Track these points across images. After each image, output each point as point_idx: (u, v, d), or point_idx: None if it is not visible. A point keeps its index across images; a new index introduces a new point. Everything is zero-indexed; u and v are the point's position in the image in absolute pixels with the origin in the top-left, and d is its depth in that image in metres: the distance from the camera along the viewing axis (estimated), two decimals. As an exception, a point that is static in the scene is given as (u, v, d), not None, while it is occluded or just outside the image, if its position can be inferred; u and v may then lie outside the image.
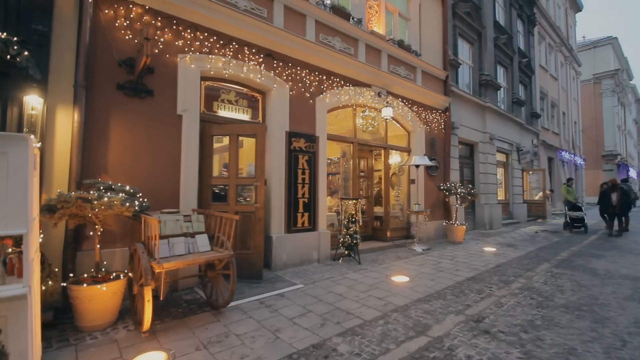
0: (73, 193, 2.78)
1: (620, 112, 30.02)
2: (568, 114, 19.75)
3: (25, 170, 1.70)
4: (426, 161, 7.30)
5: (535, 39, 15.52)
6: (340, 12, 6.38)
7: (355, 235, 5.73)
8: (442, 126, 8.79)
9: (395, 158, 8.45)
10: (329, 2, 6.35)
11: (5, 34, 2.94)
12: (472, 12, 10.22)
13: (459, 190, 8.09)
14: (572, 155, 19.84)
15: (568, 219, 10.28)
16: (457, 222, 8.12)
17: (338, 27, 6.29)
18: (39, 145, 2.77)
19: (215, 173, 4.77)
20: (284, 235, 5.21)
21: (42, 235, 2.83)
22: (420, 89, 8.00)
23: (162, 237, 3.03)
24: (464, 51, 10.52)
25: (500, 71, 12.39)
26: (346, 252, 5.76)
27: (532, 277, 4.81)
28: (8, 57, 2.96)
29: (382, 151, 7.77)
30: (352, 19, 6.62)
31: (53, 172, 3.36)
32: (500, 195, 12.19)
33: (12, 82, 3.13)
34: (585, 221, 10.00)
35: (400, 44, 7.73)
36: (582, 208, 10.32)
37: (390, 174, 7.97)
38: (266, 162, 5.27)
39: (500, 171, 12.36)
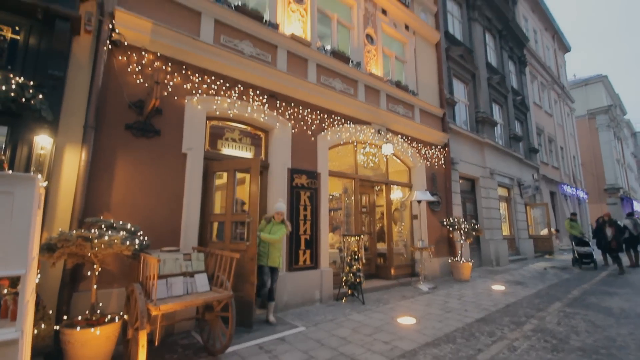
0: (74, 231, 2.77)
1: (618, 146, 30.42)
2: (566, 148, 20.03)
3: (29, 210, 1.71)
4: (428, 196, 7.30)
5: (527, 78, 16.17)
6: (340, 56, 6.75)
7: (358, 274, 5.58)
8: (442, 162, 8.89)
9: (397, 193, 8.46)
10: (329, 47, 6.74)
11: (22, 78, 3.12)
12: (464, 55, 10.76)
13: (462, 226, 7.99)
14: (574, 189, 19.81)
15: (576, 255, 10.03)
16: (462, 258, 7.93)
17: (338, 69, 6.61)
18: (45, 184, 2.82)
19: (217, 210, 4.77)
20: (285, 274, 5.08)
21: (39, 275, 2.77)
22: (419, 126, 8.21)
23: (160, 277, 2.96)
24: (459, 90, 10.93)
25: (496, 108, 12.77)
26: (350, 292, 5.57)
27: (545, 318, 4.60)
28: (23, 100, 3.11)
29: (384, 187, 7.80)
30: (351, 62, 6.98)
31: (56, 210, 3.38)
32: (505, 231, 12.01)
33: (24, 123, 3.26)
34: (594, 257, 9.75)
35: (398, 84, 8.06)
36: (590, 243, 10.11)
37: (392, 210, 7.94)
38: (268, 199, 5.29)
39: (503, 206, 12.29)
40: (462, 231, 8.04)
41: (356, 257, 5.66)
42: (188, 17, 4.68)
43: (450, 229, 8.25)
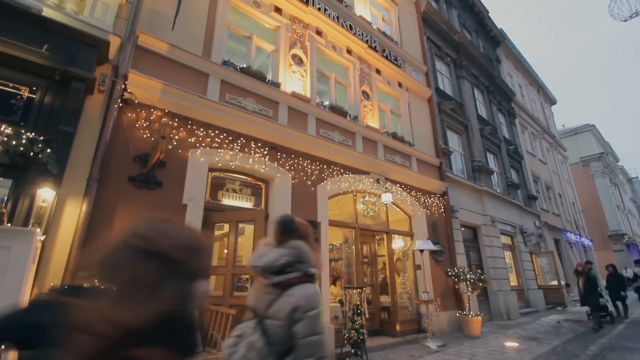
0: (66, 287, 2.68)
1: (616, 192, 30.63)
2: (564, 195, 20.14)
3: (24, 266, 1.68)
4: (430, 245, 7.17)
5: (518, 129, 16.85)
6: (338, 110, 7.12)
7: (361, 330, 5.26)
8: (442, 210, 8.89)
9: (398, 243, 8.31)
10: (327, 103, 7.14)
11: (33, 133, 3.24)
12: (455, 108, 11.36)
13: (468, 276, 7.72)
14: (578, 237, 19.50)
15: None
16: (471, 312, 7.53)
17: (336, 123, 6.93)
18: (42, 238, 2.79)
19: (215, 262, 4.65)
20: (284, 331, 4.78)
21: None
22: (417, 175, 8.35)
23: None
24: (454, 140, 11.32)
25: (490, 157, 13.11)
26: (352, 351, 5.19)
27: (565, 379, 4.23)
28: (31, 154, 3.21)
29: (385, 236, 7.69)
30: (349, 116, 7.34)
31: (50, 263, 3.29)
32: (513, 281, 11.57)
33: (29, 176, 3.30)
34: (610, 309, 9.25)
35: (394, 136, 8.38)
36: (604, 294, 9.66)
37: (394, 260, 7.73)
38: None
39: (508, 254, 12.00)
40: (468, 282, 7.74)
41: (359, 311, 5.37)
42: (196, 78, 5.03)
43: (456, 279, 7.95)
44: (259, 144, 5.46)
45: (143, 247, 0.76)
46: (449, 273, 7.97)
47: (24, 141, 3.11)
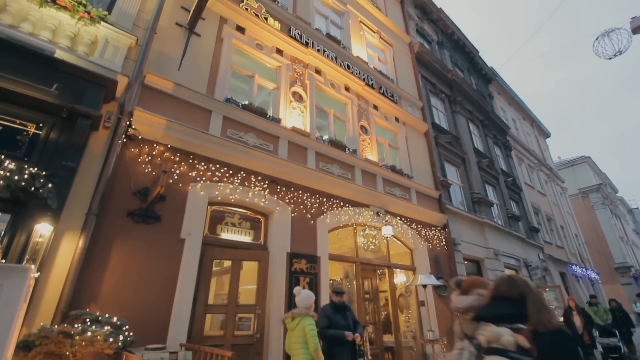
0: (56, 326, 2.57)
1: (618, 224, 30.34)
2: (566, 227, 19.94)
3: (16, 304, 1.63)
4: (433, 280, 6.97)
5: (514, 161, 17.08)
6: (337, 144, 7.26)
7: (364, 373, 4.97)
8: (444, 243, 8.76)
9: (400, 277, 8.10)
10: (327, 137, 7.30)
11: (35, 168, 3.25)
12: (452, 141, 11.59)
13: (473, 313, 7.40)
14: (584, 270, 19.04)
15: (601, 349, 8.88)
16: (478, 351, 7.14)
17: (336, 156, 7.04)
18: (37, 275, 2.72)
19: (211, 301, 4.50)
20: (282, 374, 4.52)
21: (5, 382, 2.46)
22: (417, 208, 8.33)
23: (142, 381, 2.63)
24: (452, 173, 11.43)
25: (489, 189, 13.16)
26: (355, 396, 4.86)
27: None
28: (32, 188, 3.21)
29: (386, 270, 7.51)
30: (348, 149, 7.48)
31: (42, 301, 3.18)
32: (521, 317, 11.11)
33: (28, 211, 3.28)
34: (623, 350, 8.59)
35: (393, 169, 8.47)
36: (616, 332, 9.10)
37: (397, 296, 7.49)
38: (267, 285, 5.04)
39: (513, 289, 11.63)
40: (474, 319, 7.41)
41: (360, 351, 5.11)
42: (199, 114, 5.19)
43: (461, 316, 7.62)
44: (259, 178, 5.50)
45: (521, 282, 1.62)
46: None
47: (26, 176, 3.12)
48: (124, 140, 4.23)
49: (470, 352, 2.20)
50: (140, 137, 4.38)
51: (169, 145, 4.63)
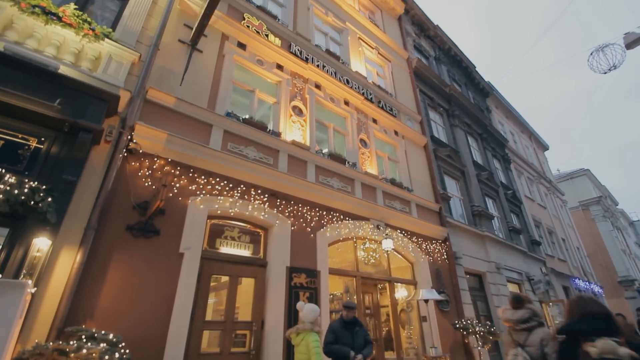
0: (51, 343, 2.51)
1: (620, 236, 30.13)
2: (568, 240, 19.80)
3: (11, 321, 1.60)
4: (435, 295, 6.87)
5: (514, 174, 17.11)
6: (337, 158, 7.29)
7: (366, 391, 4.82)
8: (445, 256, 8.68)
9: (401, 292, 7.98)
10: (326, 150, 7.34)
11: (36, 182, 3.24)
12: (451, 155, 11.65)
13: (477, 329, 7.28)
14: (587, 283, 18.80)
15: None
16: (483, 369, 6.98)
17: (336, 169, 7.05)
18: (33, 290, 2.68)
19: (208, 317, 4.42)
20: (281, 394, 4.39)
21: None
22: (417, 221, 8.29)
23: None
24: (452, 186, 11.43)
25: (489, 202, 13.13)
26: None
27: None
28: (32, 203, 3.19)
29: (387, 284, 7.41)
30: (348, 163, 7.50)
31: (37, 317, 3.12)
32: (525, 333, 10.89)
33: (27, 225, 3.25)
34: None
35: (393, 182, 8.48)
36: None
37: (398, 311, 7.36)
38: (266, 300, 4.96)
39: (516, 304, 11.44)
40: (477, 335, 7.29)
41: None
42: (200, 128, 5.24)
43: (464, 332, 7.49)
44: (259, 191, 5.50)
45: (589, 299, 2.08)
46: (457, 325, 7.53)
47: (25, 190, 3.10)
48: (125, 154, 4.25)
49: (524, 357, 2.57)
50: (141, 151, 4.40)
51: (169, 159, 4.65)
